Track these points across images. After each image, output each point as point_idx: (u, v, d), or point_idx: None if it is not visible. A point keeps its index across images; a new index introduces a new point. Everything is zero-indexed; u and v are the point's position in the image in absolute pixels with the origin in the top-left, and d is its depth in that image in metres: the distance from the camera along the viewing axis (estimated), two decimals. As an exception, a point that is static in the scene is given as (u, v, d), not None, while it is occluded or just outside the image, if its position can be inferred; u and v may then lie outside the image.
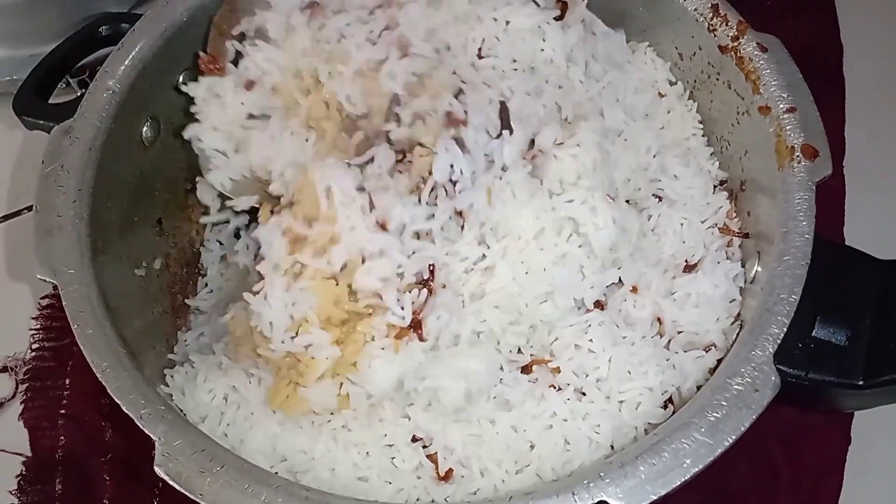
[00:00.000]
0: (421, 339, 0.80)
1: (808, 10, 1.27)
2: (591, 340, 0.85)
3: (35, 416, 1.01)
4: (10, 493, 0.96)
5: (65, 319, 0.81)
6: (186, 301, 1.01)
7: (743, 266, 0.91)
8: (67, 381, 1.02)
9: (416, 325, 0.80)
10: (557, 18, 0.92)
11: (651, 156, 0.95)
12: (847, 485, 0.93)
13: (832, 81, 1.20)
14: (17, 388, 1.03)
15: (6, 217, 1.10)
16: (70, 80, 1.05)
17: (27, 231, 0.87)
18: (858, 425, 0.96)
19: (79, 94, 0.94)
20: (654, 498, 0.69)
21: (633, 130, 0.95)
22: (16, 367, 1.04)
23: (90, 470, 0.97)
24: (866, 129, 1.16)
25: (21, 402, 1.02)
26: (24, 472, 0.98)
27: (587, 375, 0.85)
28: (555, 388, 0.84)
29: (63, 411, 1.00)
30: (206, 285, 1.04)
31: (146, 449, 0.73)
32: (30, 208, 0.91)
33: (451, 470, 0.82)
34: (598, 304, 0.88)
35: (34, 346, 1.05)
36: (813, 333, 0.78)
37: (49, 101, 0.99)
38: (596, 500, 0.69)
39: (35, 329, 1.06)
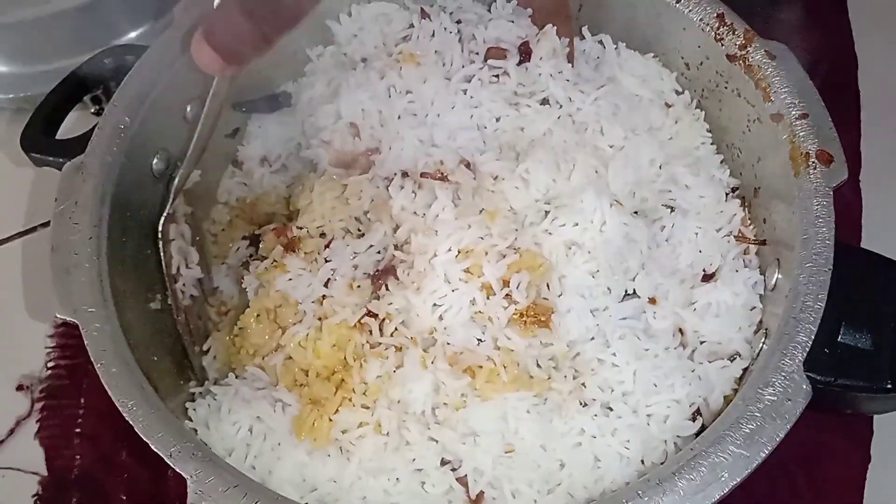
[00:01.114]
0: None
1: (823, 22, 1.27)
2: (613, 354, 0.85)
3: (51, 434, 1.01)
4: None
5: (80, 338, 0.81)
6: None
7: (762, 274, 0.91)
8: (83, 400, 1.02)
9: None
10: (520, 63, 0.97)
11: (656, 167, 0.96)
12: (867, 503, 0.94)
13: (847, 94, 1.20)
14: (32, 406, 1.03)
15: (22, 233, 1.09)
16: (85, 100, 1.05)
17: (43, 248, 0.86)
18: (878, 444, 0.96)
19: (91, 127, 0.93)
20: (694, 513, 0.69)
21: (633, 144, 0.95)
22: (31, 385, 1.04)
23: (106, 489, 0.97)
24: (882, 143, 1.16)
25: (37, 421, 1.02)
26: (40, 492, 0.98)
27: (612, 390, 0.85)
28: (581, 404, 0.84)
29: (79, 430, 1.01)
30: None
31: (161, 469, 0.73)
32: (45, 224, 0.90)
33: (482, 493, 0.82)
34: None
35: (50, 365, 1.05)
36: (839, 339, 0.79)
37: (56, 137, 0.98)
38: (636, 519, 0.68)
39: (50, 347, 1.06)
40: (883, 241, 1.05)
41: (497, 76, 0.97)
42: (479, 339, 0.85)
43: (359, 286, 0.88)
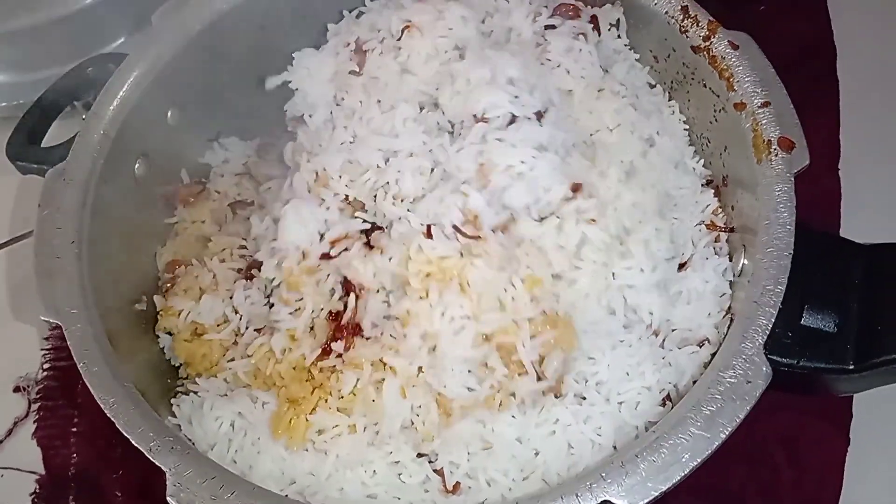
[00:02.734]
0: None
1: (802, 13, 1.28)
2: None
3: (48, 434, 1.04)
4: None
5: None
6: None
7: (730, 260, 0.93)
8: (78, 400, 1.05)
9: None
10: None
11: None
12: (847, 485, 0.95)
13: (826, 84, 1.21)
14: (29, 407, 1.06)
15: (13, 240, 1.12)
16: (76, 104, 1.07)
17: (29, 254, 0.89)
18: (857, 427, 0.98)
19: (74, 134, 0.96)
20: (656, 494, 0.70)
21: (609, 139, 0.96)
22: (28, 387, 1.07)
23: (102, 486, 1.00)
24: (861, 131, 1.17)
25: (34, 422, 1.05)
26: (37, 490, 1.01)
27: (587, 381, 0.86)
28: (556, 396, 0.86)
29: (75, 429, 1.03)
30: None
31: (156, 465, 0.75)
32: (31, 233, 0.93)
33: (458, 483, 0.83)
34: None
35: (45, 367, 1.08)
36: (801, 322, 0.80)
37: (41, 146, 1.01)
38: (600, 500, 0.70)
39: (46, 349, 1.09)
40: (861, 228, 1.06)
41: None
42: (472, 389, 0.84)
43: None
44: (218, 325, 0.94)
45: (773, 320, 0.77)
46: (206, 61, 1.03)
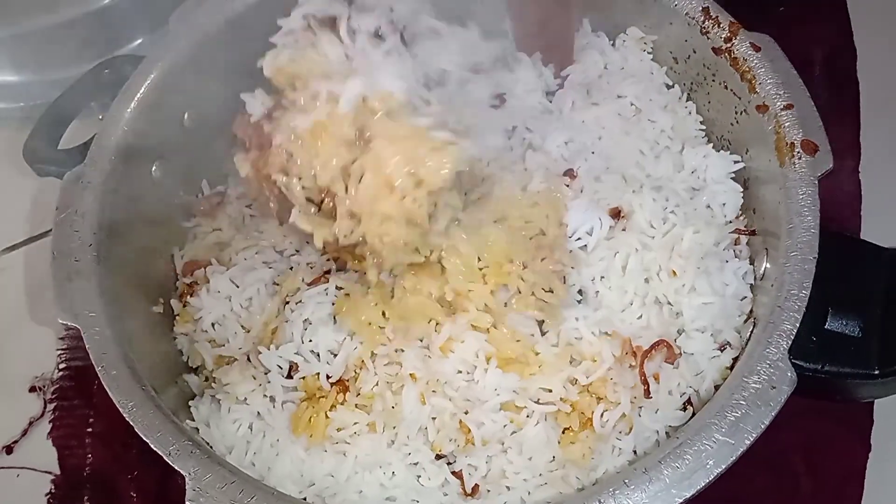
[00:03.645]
0: None
1: (822, 15, 1.27)
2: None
3: (63, 434, 1.04)
4: None
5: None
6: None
7: (751, 263, 0.92)
8: (94, 401, 1.05)
9: None
10: None
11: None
12: (867, 493, 0.94)
13: (847, 86, 1.20)
14: (45, 407, 1.06)
15: (31, 240, 1.12)
16: (93, 105, 1.07)
17: (47, 255, 0.89)
18: (878, 434, 0.97)
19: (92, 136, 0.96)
20: (680, 501, 0.70)
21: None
22: (44, 387, 1.07)
23: (117, 487, 1.00)
24: (882, 134, 1.16)
25: (49, 422, 1.05)
26: (53, 490, 1.01)
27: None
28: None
29: (90, 430, 1.04)
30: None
31: (170, 467, 0.75)
32: (49, 232, 0.93)
33: (477, 486, 0.83)
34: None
35: (61, 367, 1.08)
36: (826, 326, 0.80)
37: (58, 148, 1.01)
38: (621, 509, 0.70)
39: (62, 349, 1.09)
40: (883, 231, 1.05)
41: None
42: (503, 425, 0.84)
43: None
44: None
45: (797, 325, 0.76)
46: (224, 62, 1.02)
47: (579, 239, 0.89)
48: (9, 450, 1.03)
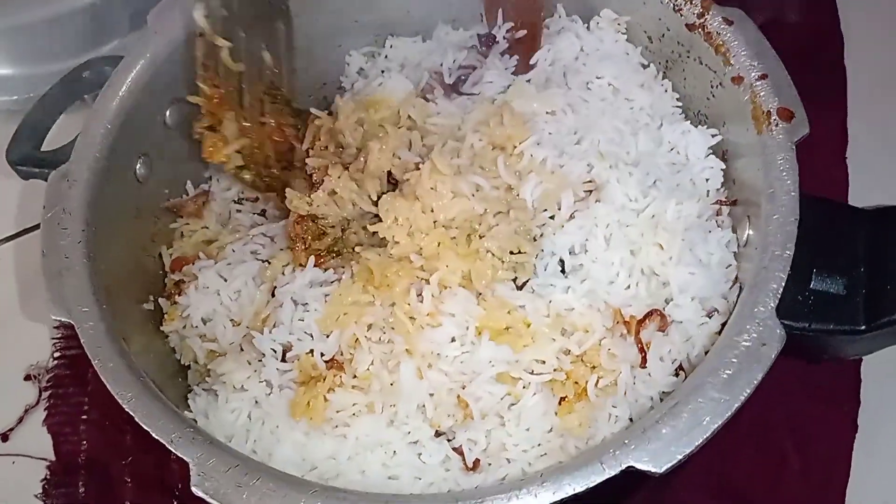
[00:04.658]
0: None
1: (809, 3, 1.29)
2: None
3: (58, 422, 1.06)
4: (36, 496, 1.02)
5: (84, 329, 0.83)
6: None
7: (734, 232, 0.93)
8: (89, 388, 1.06)
9: None
10: None
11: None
12: (854, 472, 0.96)
13: (834, 73, 1.22)
14: (40, 395, 1.08)
15: (22, 232, 1.14)
16: (86, 98, 1.07)
17: (37, 247, 0.89)
18: (865, 413, 0.99)
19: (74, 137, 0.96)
20: (680, 458, 0.71)
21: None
22: (38, 375, 1.09)
23: (112, 473, 1.02)
24: (868, 120, 1.18)
25: (44, 409, 1.07)
26: (48, 477, 1.03)
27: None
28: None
29: (85, 417, 1.05)
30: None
31: (164, 452, 0.76)
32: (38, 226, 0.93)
33: (477, 460, 0.84)
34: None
35: (56, 355, 1.10)
36: (811, 286, 0.81)
37: (42, 149, 1.01)
38: (624, 467, 0.71)
39: (56, 338, 1.10)
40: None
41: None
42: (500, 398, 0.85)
43: None
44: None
45: (783, 284, 0.78)
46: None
47: (546, 210, 0.91)
48: (4, 437, 1.05)
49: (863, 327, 0.80)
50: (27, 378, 1.08)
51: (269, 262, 0.95)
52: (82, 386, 1.06)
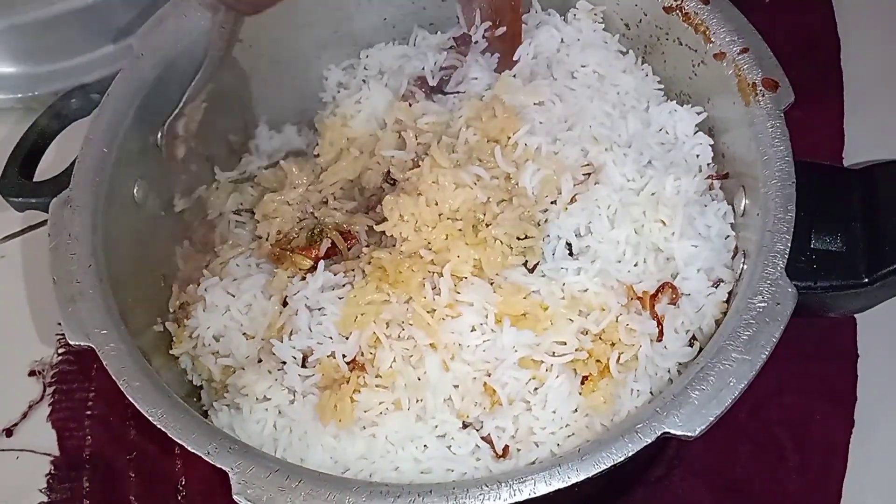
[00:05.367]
0: None
1: (806, 4, 1.31)
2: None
3: (62, 417, 1.06)
4: (40, 491, 1.02)
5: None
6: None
7: (729, 204, 0.96)
8: (93, 384, 1.07)
9: None
10: None
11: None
12: (851, 467, 0.98)
13: (830, 75, 1.24)
14: (44, 390, 1.08)
15: (28, 229, 1.13)
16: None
17: (43, 243, 0.90)
18: (861, 409, 1.02)
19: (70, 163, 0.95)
20: (712, 419, 0.73)
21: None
22: (43, 370, 1.10)
23: (116, 468, 1.03)
24: (865, 122, 1.20)
25: (49, 405, 1.07)
26: (52, 472, 1.03)
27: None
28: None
29: (89, 412, 1.06)
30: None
31: (168, 447, 0.76)
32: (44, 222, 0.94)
33: (507, 447, 0.85)
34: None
35: (60, 351, 1.10)
36: (812, 246, 0.84)
37: (34, 180, 1.00)
38: (660, 433, 0.73)
39: (60, 334, 1.10)
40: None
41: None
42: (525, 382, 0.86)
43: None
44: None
45: (789, 245, 0.81)
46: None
47: (547, 196, 0.93)
48: (9, 433, 1.06)
49: (865, 280, 0.83)
50: (32, 374, 1.09)
51: (275, 273, 0.96)
52: (87, 381, 1.07)
